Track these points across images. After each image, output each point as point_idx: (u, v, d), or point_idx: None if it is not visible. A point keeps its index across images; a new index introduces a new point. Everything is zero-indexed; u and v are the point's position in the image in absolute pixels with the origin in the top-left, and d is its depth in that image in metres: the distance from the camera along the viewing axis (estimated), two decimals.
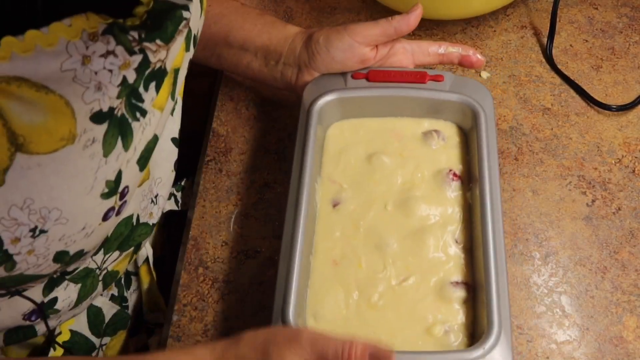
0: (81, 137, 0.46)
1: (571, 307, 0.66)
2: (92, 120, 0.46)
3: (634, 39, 0.86)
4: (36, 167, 0.44)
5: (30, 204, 0.45)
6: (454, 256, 0.64)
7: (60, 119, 0.44)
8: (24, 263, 0.48)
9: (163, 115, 0.56)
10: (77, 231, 0.49)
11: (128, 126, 0.50)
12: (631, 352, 0.63)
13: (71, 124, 0.45)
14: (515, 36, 0.87)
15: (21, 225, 0.45)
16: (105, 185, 0.49)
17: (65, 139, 0.45)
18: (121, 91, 0.47)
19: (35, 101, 0.42)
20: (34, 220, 0.46)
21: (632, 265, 0.68)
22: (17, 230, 0.46)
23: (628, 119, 0.79)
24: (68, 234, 0.49)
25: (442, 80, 0.71)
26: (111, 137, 0.48)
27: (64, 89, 0.43)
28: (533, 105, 0.80)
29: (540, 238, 0.70)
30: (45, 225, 0.47)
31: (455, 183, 0.68)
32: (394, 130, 0.72)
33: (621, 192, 0.73)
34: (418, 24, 0.69)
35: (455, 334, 0.60)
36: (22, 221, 0.45)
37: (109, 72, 0.46)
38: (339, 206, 0.67)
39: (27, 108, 0.42)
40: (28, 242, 0.47)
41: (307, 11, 0.91)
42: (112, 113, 0.47)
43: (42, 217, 0.46)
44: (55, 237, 0.48)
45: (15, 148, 0.43)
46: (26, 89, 0.42)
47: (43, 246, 0.48)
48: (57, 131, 0.44)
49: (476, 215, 0.64)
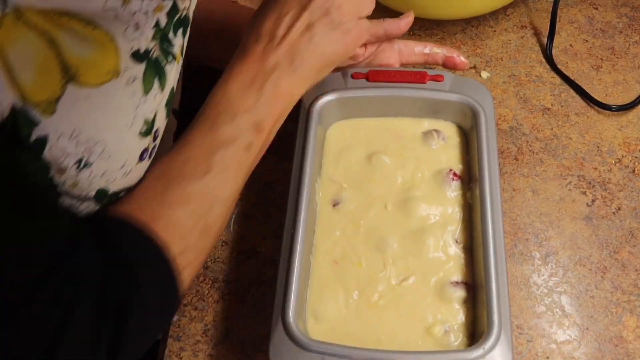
0: (124, 73, 0.49)
1: (571, 307, 0.66)
2: (132, 59, 0.49)
3: (634, 39, 0.86)
4: (85, 99, 0.47)
5: (78, 135, 0.47)
6: (454, 256, 0.64)
7: (106, 53, 0.47)
8: (67, 197, 0.49)
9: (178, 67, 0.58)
10: (117, 168, 0.51)
11: (162, 68, 0.53)
12: (631, 352, 0.63)
13: (116, 59, 0.48)
14: (515, 36, 0.87)
15: (68, 155, 0.47)
16: (143, 123, 0.52)
17: (111, 73, 0.48)
18: (155, 33, 0.51)
19: (84, 35, 0.45)
20: (80, 151, 0.48)
21: (632, 265, 0.68)
22: (64, 160, 0.47)
23: (628, 119, 0.79)
24: (110, 170, 0.51)
25: (442, 80, 0.71)
26: (149, 76, 0.51)
27: (108, 25, 0.46)
28: (533, 105, 0.80)
29: (540, 238, 0.70)
30: (90, 158, 0.49)
31: (455, 183, 0.68)
32: (394, 130, 0.72)
33: (621, 192, 0.73)
34: (409, 28, 0.72)
35: (455, 334, 0.60)
36: (69, 151, 0.47)
37: (144, 14, 0.48)
38: (339, 206, 0.67)
39: (77, 41, 0.45)
40: (73, 174, 0.48)
41: None
42: (149, 54, 0.51)
43: (87, 149, 0.48)
44: (99, 172, 0.50)
45: (67, 79, 0.45)
46: (76, 22, 0.44)
47: (86, 180, 0.50)
48: (104, 65, 0.47)
49: (476, 215, 0.64)
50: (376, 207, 0.67)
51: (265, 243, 0.71)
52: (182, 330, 0.66)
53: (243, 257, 0.71)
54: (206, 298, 0.68)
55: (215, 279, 0.69)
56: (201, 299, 0.68)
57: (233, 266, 0.70)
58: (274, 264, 0.64)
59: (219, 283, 0.69)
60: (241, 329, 0.66)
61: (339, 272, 0.63)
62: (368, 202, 0.67)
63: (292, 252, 0.60)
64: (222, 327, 0.66)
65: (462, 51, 0.85)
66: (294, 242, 0.61)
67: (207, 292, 0.69)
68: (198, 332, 0.66)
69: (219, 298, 0.68)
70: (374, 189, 0.68)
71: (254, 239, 0.72)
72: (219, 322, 0.67)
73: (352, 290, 0.62)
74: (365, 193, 0.68)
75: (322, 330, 0.60)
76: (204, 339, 0.66)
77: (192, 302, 0.68)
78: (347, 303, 0.62)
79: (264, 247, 0.71)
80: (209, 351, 0.65)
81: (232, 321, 0.67)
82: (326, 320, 0.61)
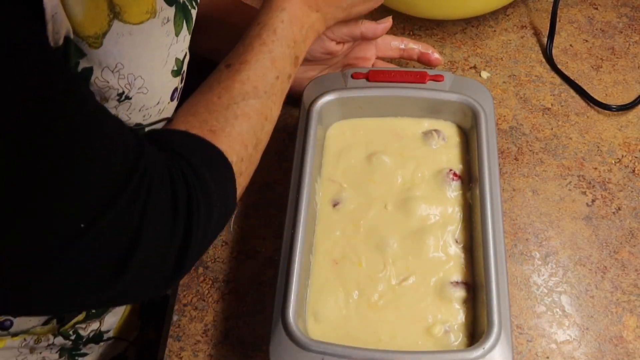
0: (159, 13, 0.53)
1: (571, 307, 0.66)
2: (165, 1, 0.53)
3: (634, 39, 0.86)
4: (128, 35, 0.50)
5: (120, 69, 0.51)
6: (454, 256, 0.64)
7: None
8: None
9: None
10: (153, 104, 0.56)
11: (189, 12, 0.57)
12: (631, 352, 0.63)
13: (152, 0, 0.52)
14: (515, 36, 0.87)
15: (111, 88, 0.51)
16: (174, 63, 0.56)
17: (149, 12, 0.51)
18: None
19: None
20: (122, 84, 0.51)
21: (632, 265, 0.68)
22: (107, 92, 0.51)
23: (628, 119, 0.79)
24: (147, 106, 0.55)
25: (442, 80, 0.71)
26: (179, 19, 0.55)
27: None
28: (533, 105, 0.80)
29: (540, 238, 0.70)
30: (131, 92, 0.52)
31: (455, 183, 0.68)
32: (394, 130, 0.72)
33: (621, 192, 0.73)
34: (385, 33, 0.74)
35: (455, 334, 0.60)
36: (112, 84, 0.51)
37: None
38: (339, 206, 0.67)
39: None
40: (114, 105, 0.52)
41: None
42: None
43: (128, 83, 0.52)
44: (137, 106, 0.54)
45: (114, 15, 0.49)
46: None
47: (125, 114, 0.54)
48: (144, 4, 0.51)
49: (476, 215, 0.64)
50: (376, 207, 0.67)
51: (265, 243, 0.71)
52: (182, 330, 0.66)
53: (243, 257, 0.71)
54: (206, 298, 0.68)
55: (215, 279, 0.69)
56: (201, 299, 0.68)
57: (233, 266, 0.70)
58: (274, 264, 0.64)
59: (219, 283, 0.69)
60: (241, 329, 0.66)
61: (339, 272, 0.63)
62: (368, 202, 0.67)
63: (292, 252, 0.60)
64: (222, 327, 0.66)
65: (462, 51, 0.85)
66: (294, 242, 0.61)
67: (207, 292, 0.69)
68: (198, 332, 0.66)
69: (219, 298, 0.68)
70: (374, 189, 0.68)
71: (254, 239, 0.72)
72: (219, 322, 0.67)
73: (352, 290, 0.62)
74: (365, 193, 0.68)
75: (322, 330, 0.60)
76: (204, 339, 0.66)
77: (192, 302, 0.68)
78: (347, 303, 0.62)
79: (264, 247, 0.71)
80: (209, 351, 0.65)
81: (232, 321, 0.67)
82: (326, 320, 0.61)
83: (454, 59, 0.84)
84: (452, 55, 0.85)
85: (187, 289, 0.69)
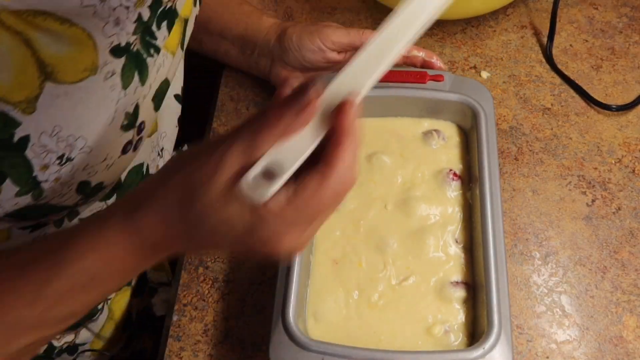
0: (102, 68, 0.49)
1: (571, 307, 0.66)
2: (111, 54, 0.49)
3: (634, 39, 0.86)
4: (64, 96, 0.47)
5: (58, 132, 0.48)
6: (454, 256, 0.64)
7: (84, 50, 0.47)
8: (50, 191, 0.50)
9: (174, 60, 0.59)
10: (99, 162, 0.52)
11: (143, 62, 0.53)
12: (631, 352, 0.63)
13: (94, 55, 0.48)
14: (515, 36, 0.87)
15: (50, 152, 0.48)
16: (124, 117, 0.53)
17: (88, 69, 0.48)
18: (137, 27, 0.50)
19: (60, 33, 0.45)
20: (61, 147, 0.48)
21: (632, 265, 0.68)
22: (46, 157, 0.48)
23: (628, 119, 0.79)
24: (91, 164, 0.52)
25: (442, 80, 0.71)
26: (129, 70, 0.51)
27: (86, 22, 0.46)
28: (533, 105, 0.80)
29: (540, 238, 0.70)
30: (72, 153, 0.49)
31: (455, 183, 0.68)
32: (394, 130, 0.72)
33: (621, 192, 0.73)
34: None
35: (455, 333, 0.60)
36: (51, 148, 0.48)
37: (125, 8, 0.48)
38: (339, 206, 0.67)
39: (53, 39, 0.45)
40: (55, 170, 0.49)
41: (308, 11, 0.91)
42: (129, 48, 0.51)
43: (69, 145, 0.49)
44: (80, 166, 0.51)
45: (45, 77, 0.45)
46: (52, 22, 0.44)
47: (68, 174, 0.50)
48: (82, 61, 0.47)
49: (476, 215, 0.64)
50: (376, 207, 0.67)
51: None
52: (182, 330, 0.66)
53: (243, 257, 0.71)
54: (206, 298, 0.68)
55: (215, 279, 0.69)
56: (201, 299, 0.68)
57: (233, 266, 0.70)
58: (274, 264, 0.64)
59: (219, 283, 0.69)
60: (241, 329, 0.66)
61: (339, 272, 0.63)
62: (368, 202, 0.67)
63: None
64: (222, 327, 0.66)
65: (462, 51, 0.85)
66: None
67: (207, 292, 0.69)
68: (198, 332, 0.66)
69: (219, 298, 0.68)
70: (374, 188, 0.68)
71: None
72: (219, 322, 0.67)
73: (352, 290, 0.62)
74: (365, 193, 0.68)
75: (322, 330, 0.60)
76: (204, 339, 0.66)
77: (192, 302, 0.68)
78: (347, 303, 0.62)
79: None
80: (209, 351, 0.65)
81: (232, 321, 0.67)
82: (326, 320, 0.61)
83: (454, 59, 0.84)
84: (452, 55, 0.85)
85: (187, 289, 0.69)
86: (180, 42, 0.59)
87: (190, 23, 0.62)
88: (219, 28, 0.78)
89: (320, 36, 0.72)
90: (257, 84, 0.83)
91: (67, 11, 0.44)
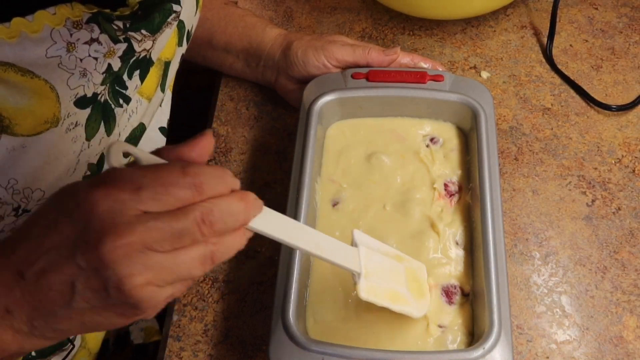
0: (64, 120, 0.47)
1: (571, 307, 0.66)
2: (75, 105, 0.47)
3: (634, 39, 0.86)
4: (20, 149, 0.45)
5: (14, 184, 0.46)
6: (454, 257, 0.64)
7: (44, 102, 0.45)
8: None
9: (150, 105, 0.57)
10: None
11: (111, 112, 0.51)
12: (631, 352, 0.63)
13: (55, 107, 0.46)
14: (515, 36, 0.87)
15: (5, 204, 0.46)
16: (87, 168, 0.51)
17: (49, 122, 0.46)
18: (105, 78, 0.49)
19: (20, 85, 0.43)
20: (17, 199, 0.47)
21: (632, 265, 0.68)
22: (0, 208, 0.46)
23: (628, 119, 0.79)
24: None
25: (442, 80, 0.71)
26: (94, 121, 0.49)
27: (49, 74, 0.44)
28: (533, 105, 0.80)
29: (540, 238, 0.70)
30: (29, 205, 0.48)
31: (454, 184, 0.68)
32: (394, 130, 0.72)
33: (621, 192, 0.73)
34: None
35: (455, 334, 0.60)
36: (5, 200, 0.46)
37: (94, 59, 0.47)
38: (338, 206, 0.67)
39: (12, 91, 0.43)
40: (11, 221, 0.48)
41: (307, 11, 0.91)
42: (96, 99, 0.49)
43: (25, 197, 0.47)
44: None
45: (1, 129, 0.44)
46: (12, 73, 0.43)
47: None
48: (42, 114, 0.45)
49: (476, 216, 0.64)
50: (375, 208, 0.67)
51: (265, 243, 0.71)
52: (182, 330, 0.66)
53: (243, 257, 0.71)
54: (206, 298, 0.68)
55: (215, 279, 0.69)
56: (201, 299, 0.68)
57: (233, 266, 0.70)
58: (274, 264, 0.64)
59: (219, 283, 0.69)
60: (241, 329, 0.66)
61: (339, 272, 0.63)
62: (367, 202, 0.67)
63: (292, 252, 0.60)
64: (222, 327, 0.66)
65: (462, 51, 0.85)
66: None
67: (207, 292, 0.69)
68: (198, 332, 0.66)
69: (219, 298, 0.68)
70: (373, 189, 0.68)
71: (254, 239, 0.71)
72: (219, 322, 0.67)
73: (351, 290, 0.62)
74: (364, 193, 0.68)
75: (322, 330, 0.60)
76: (204, 339, 0.66)
77: (192, 302, 0.68)
78: (346, 303, 0.62)
79: (264, 247, 0.71)
80: (209, 351, 0.65)
81: (232, 321, 0.67)
82: (326, 320, 0.61)
83: (454, 59, 0.84)
84: (452, 55, 0.85)
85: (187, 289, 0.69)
86: (160, 85, 0.57)
87: (175, 63, 0.60)
88: (223, 43, 0.78)
89: (325, 53, 0.73)
90: (256, 84, 0.83)
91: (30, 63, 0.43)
